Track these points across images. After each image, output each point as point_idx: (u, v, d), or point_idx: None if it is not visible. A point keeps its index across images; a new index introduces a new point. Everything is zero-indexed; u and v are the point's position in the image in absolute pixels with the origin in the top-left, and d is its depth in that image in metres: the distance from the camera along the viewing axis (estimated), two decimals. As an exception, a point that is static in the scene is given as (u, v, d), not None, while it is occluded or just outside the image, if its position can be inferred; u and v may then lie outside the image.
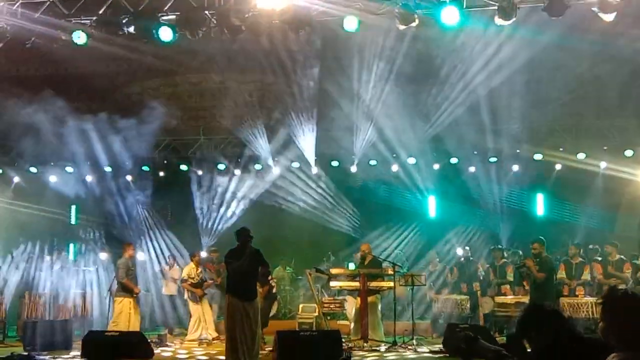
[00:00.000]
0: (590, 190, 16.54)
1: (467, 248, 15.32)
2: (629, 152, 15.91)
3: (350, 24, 10.35)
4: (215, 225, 17.93)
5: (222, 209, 17.85)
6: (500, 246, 15.07)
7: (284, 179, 17.65)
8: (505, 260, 14.20)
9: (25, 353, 11.08)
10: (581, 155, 16.15)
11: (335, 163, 17.06)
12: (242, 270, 9.67)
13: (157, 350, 11.45)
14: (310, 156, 16.59)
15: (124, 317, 12.14)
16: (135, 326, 12.14)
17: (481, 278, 14.46)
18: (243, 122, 16.23)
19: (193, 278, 13.14)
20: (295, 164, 17.04)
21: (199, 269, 13.29)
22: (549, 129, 16.19)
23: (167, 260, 16.09)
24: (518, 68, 13.47)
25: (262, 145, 16.70)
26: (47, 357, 10.68)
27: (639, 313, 3.20)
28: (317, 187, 17.63)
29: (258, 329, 9.78)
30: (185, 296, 13.58)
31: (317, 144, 16.22)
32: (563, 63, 13.58)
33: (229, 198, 17.83)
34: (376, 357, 10.81)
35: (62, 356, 10.93)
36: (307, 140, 16.15)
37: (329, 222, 18.16)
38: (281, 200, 18.04)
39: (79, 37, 10.77)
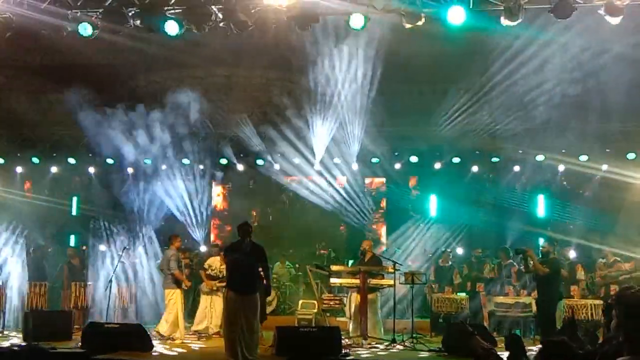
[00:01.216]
0: (592, 192, 16.57)
1: (480, 250, 15.38)
2: (631, 155, 15.93)
3: (357, 21, 10.37)
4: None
5: (222, 204, 17.84)
6: (506, 246, 15.03)
7: (288, 175, 17.62)
8: (511, 261, 14.20)
9: (25, 343, 11.13)
10: (583, 158, 16.16)
11: (337, 160, 17.03)
12: (243, 264, 9.69)
13: (156, 343, 11.44)
14: (314, 152, 16.56)
15: (173, 310, 12.31)
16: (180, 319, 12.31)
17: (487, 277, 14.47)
18: (248, 117, 16.22)
19: (214, 270, 13.11)
20: (297, 160, 17.00)
21: (223, 265, 13.18)
22: (552, 130, 16.17)
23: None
24: (522, 67, 13.51)
25: (266, 140, 16.69)
26: (46, 347, 10.68)
27: None
28: (321, 184, 17.56)
29: (256, 323, 9.78)
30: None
31: (320, 140, 16.20)
32: (569, 63, 13.59)
33: (231, 193, 17.81)
34: (375, 355, 10.81)
35: (62, 346, 10.92)
36: (310, 136, 16.13)
37: (331, 219, 18.13)
38: (284, 196, 18.07)
39: (85, 29, 10.80)
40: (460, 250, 16.72)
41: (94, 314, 14.00)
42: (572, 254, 15.12)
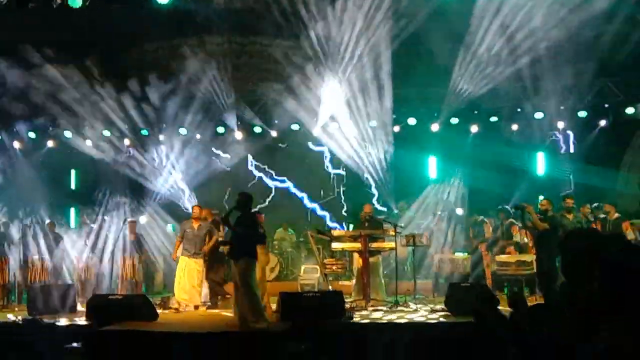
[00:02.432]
0: (591, 148, 16.52)
1: (478, 217, 15.34)
2: (630, 110, 15.83)
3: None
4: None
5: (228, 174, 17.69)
6: (505, 206, 15.01)
7: (284, 142, 17.50)
8: (512, 220, 14.21)
9: (31, 317, 11.19)
10: (582, 114, 16.07)
11: (335, 125, 16.89)
12: (236, 233, 9.85)
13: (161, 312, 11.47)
14: (313, 118, 16.46)
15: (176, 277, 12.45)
16: (177, 288, 12.35)
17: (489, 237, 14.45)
18: (245, 84, 16.06)
19: None
20: (295, 127, 16.88)
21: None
22: (552, 86, 16.06)
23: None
24: (518, 23, 13.39)
25: (263, 107, 16.56)
26: (52, 320, 10.75)
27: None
28: (315, 150, 17.41)
29: (247, 287, 9.59)
30: None
31: (321, 105, 16.05)
32: (558, 21, 13.46)
33: (230, 161, 17.68)
34: (378, 317, 10.87)
35: (67, 319, 10.99)
36: (309, 102, 15.97)
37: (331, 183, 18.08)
38: (280, 163, 17.97)
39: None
40: (460, 211, 16.67)
41: (97, 286, 14.08)
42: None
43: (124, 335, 9.26)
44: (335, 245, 13.05)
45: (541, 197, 12.21)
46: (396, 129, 16.91)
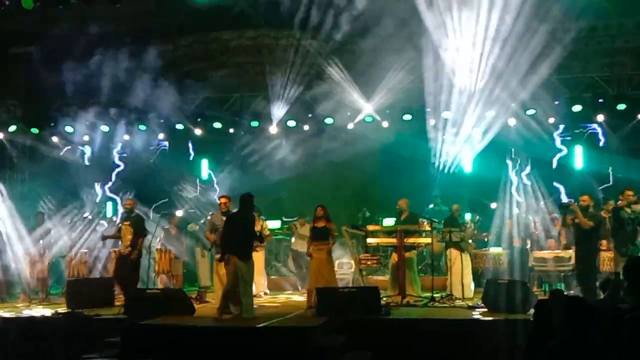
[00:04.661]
0: (630, 141, 16.19)
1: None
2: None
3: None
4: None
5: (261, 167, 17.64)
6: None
7: (320, 135, 17.37)
8: (555, 215, 13.97)
9: (69, 310, 11.33)
10: (621, 106, 15.74)
11: (369, 119, 16.74)
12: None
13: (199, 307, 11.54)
14: (347, 112, 16.39)
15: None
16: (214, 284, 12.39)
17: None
18: (278, 79, 16.00)
19: None
20: (329, 120, 16.76)
21: None
22: (589, 80, 15.76)
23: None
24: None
25: (296, 101, 16.50)
26: (90, 314, 10.87)
27: None
28: (354, 143, 17.22)
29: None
30: None
31: (352, 99, 15.96)
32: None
33: (265, 156, 17.64)
34: (414, 313, 10.80)
35: (105, 313, 11.10)
36: (343, 96, 15.89)
37: (363, 178, 17.95)
38: (315, 157, 17.85)
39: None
40: (494, 205, 16.35)
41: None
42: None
43: (162, 330, 9.34)
44: (370, 241, 13.00)
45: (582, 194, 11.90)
46: (432, 122, 16.63)
